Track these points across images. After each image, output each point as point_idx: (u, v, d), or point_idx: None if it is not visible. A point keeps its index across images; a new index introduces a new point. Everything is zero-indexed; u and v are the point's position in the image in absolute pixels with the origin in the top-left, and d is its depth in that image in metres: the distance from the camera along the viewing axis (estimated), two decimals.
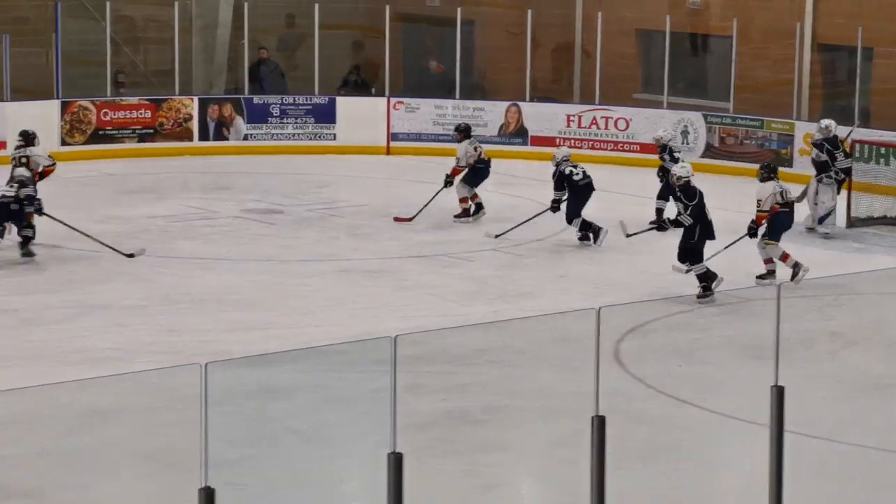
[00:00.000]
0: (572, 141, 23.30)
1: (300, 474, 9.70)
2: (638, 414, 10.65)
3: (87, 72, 23.31)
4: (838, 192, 18.33)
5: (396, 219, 18.07)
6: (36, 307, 14.15)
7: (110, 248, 15.96)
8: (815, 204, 18.13)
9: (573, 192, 17.10)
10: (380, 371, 7.18)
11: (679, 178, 14.92)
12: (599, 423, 7.44)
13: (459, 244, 17.14)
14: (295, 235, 17.71)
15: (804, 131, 22.18)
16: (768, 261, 15.13)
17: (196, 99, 23.41)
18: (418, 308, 14.43)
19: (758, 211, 15.20)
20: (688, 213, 14.66)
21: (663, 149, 18.49)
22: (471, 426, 10.67)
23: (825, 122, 19.07)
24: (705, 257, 14.60)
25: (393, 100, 23.86)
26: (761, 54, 23.68)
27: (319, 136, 23.21)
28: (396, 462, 7.06)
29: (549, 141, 23.72)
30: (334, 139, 23.30)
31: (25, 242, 16.02)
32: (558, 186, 17.15)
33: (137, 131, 22.80)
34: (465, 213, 18.38)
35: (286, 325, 13.80)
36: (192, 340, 13.16)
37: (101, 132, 22.50)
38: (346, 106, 23.72)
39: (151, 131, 22.84)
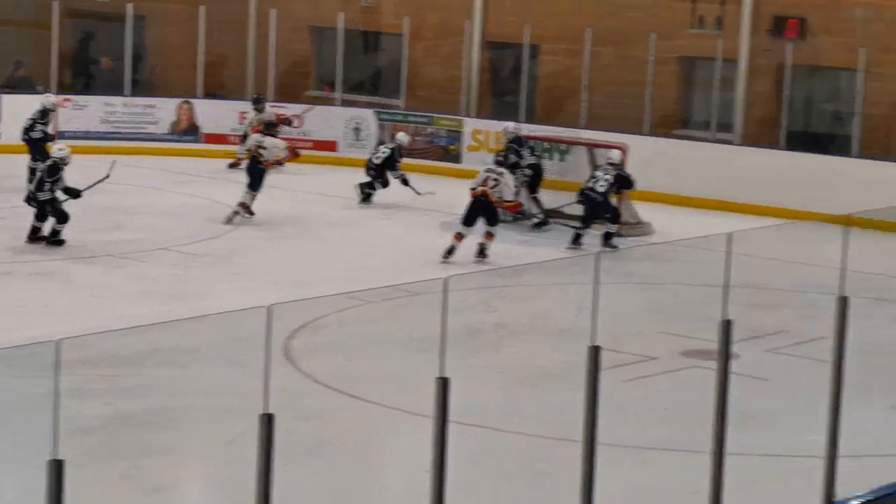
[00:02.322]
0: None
1: None
2: (307, 410, 10.70)
3: None
4: (535, 189, 19.04)
5: None
6: None
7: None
8: None
9: None
10: (44, 377, 7.02)
11: None
12: (267, 421, 7.45)
13: (130, 244, 16.89)
14: None
15: (472, 127, 22.71)
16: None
17: None
18: (87, 311, 14.11)
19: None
20: None
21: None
22: (135, 429, 10.51)
23: (505, 125, 19.79)
24: None
25: (61, 96, 23.29)
26: (432, 52, 24.10)
27: None
28: (57, 469, 6.92)
29: (221, 138, 23.59)
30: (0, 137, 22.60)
31: None
32: None
33: None
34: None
35: None
36: None
37: None
38: (13, 103, 23.03)
39: None
